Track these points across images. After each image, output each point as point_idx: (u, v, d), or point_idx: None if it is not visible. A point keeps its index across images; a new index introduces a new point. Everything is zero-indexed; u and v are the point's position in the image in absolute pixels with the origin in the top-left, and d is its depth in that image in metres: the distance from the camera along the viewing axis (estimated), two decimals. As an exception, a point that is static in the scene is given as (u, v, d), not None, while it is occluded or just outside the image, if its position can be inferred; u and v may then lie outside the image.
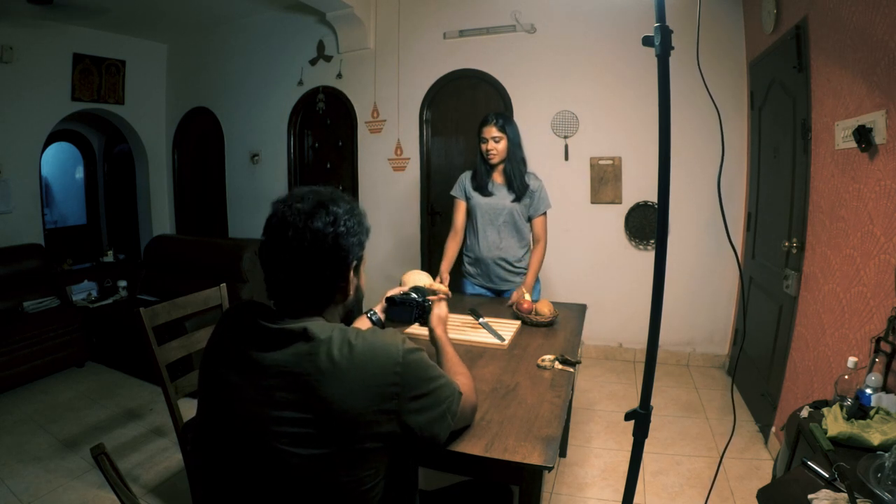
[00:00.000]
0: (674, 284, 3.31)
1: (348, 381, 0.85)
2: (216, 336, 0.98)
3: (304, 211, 0.89)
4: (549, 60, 3.60)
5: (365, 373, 0.86)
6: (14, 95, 3.93)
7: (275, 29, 4.38)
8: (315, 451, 0.84)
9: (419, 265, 4.06)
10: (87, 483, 2.26)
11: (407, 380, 0.90)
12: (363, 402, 0.85)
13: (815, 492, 1.16)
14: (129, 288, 4.13)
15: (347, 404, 0.84)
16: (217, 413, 0.93)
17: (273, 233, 0.90)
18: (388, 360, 0.89)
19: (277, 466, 0.86)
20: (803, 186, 2.29)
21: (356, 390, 0.85)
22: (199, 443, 0.99)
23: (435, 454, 1.18)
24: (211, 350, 0.98)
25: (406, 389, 0.89)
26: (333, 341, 0.87)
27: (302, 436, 0.84)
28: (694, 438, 2.57)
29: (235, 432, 0.89)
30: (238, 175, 4.75)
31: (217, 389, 0.93)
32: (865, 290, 1.76)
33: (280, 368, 0.86)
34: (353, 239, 0.93)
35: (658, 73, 0.98)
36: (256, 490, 0.89)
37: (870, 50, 1.75)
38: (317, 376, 0.84)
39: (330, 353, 0.85)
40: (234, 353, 0.91)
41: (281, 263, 0.90)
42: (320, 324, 0.90)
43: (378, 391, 0.87)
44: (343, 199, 0.95)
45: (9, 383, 3.15)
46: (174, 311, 1.89)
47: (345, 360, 0.86)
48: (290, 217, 0.88)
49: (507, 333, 1.90)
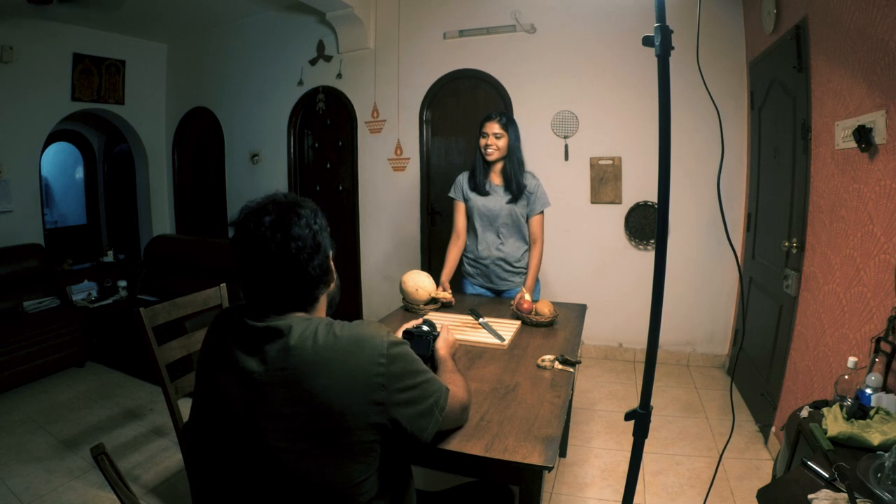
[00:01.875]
0: (674, 284, 3.32)
1: (335, 372, 0.86)
2: (207, 339, 1.01)
3: (276, 223, 0.90)
4: (549, 60, 3.60)
5: (350, 364, 0.88)
6: (14, 95, 3.93)
7: (275, 29, 4.38)
8: (305, 445, 0.85)
9: (419, 265, 4.06)
10: (87, 483, 2.26)
11: (392, 371, 0.91)
12: (349, 393, 0.86)
13: (815, 492, 1.16)
14: (129, 288, 4.13)
15: (334, 396, 0.85)
16: (210, 414, 0.95)
17: (252, 252, 0.91)
18: (373, 351, 0.90)
19: (269, 463, 0.87)
20: (803, 186, 2.29)
21: (342, 381, 0.86)
22: (194, 443, 1.00)
23: (429, 453, 1.17)
24: (203, 352, 1.00)
25: (392, 380, 0.91)
26: (318, 334, 0.89)
27: (292, 431, 0.85)
28: (694, 438, 2.57)
29: (229, 432, 0.90)
30: (238, 175, 4.75)
31: (209, 390, 0.95)
32: (865, 290, 1.76)
33: (267, 365, 0.87)
34: (325, 233, 0.97)
35: (658, 73, 0.98)
36: (250, 488, 0.90)
37: (870, 50, 1.75)
38: (303, 369, 0.86)
39: (315, 345, 0.87)
40: (223, 353, 0.93)
41: (268, 276, 0.91)
42: (305, 318, 0.93)
43: (364, 381, 0.88)
44: (298, 200, 0.97)
45: (9, 383, 3.15)
46: (174, 311, 1.89)
47: (329, 352, 0.87)
48: (267, 233, 0.89)
49: (507, 333, 1.90)
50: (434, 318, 2.03)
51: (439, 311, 2.21)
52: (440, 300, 2.25)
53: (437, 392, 1.01)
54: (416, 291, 2.21)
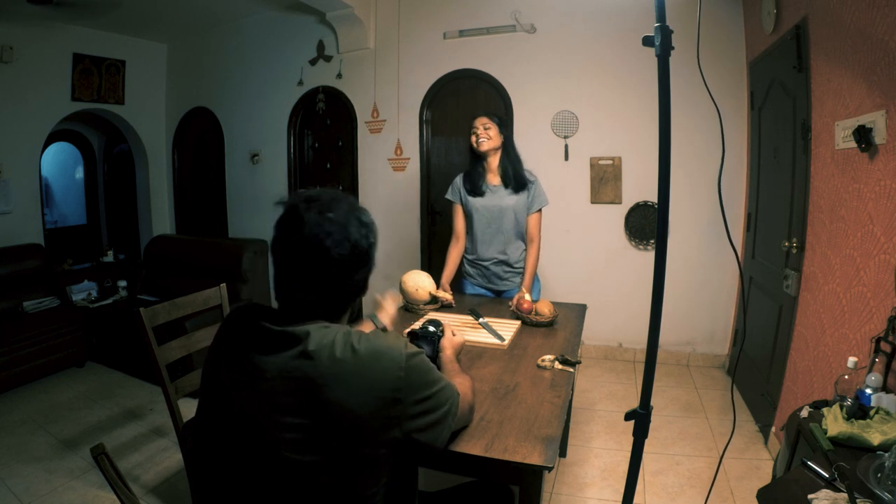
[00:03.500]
0: (674, 284, 3.31)
1: (352, 384, 0.84)
2: (219, 337, 0.98)
3: (339, 221, 0.88)
4: (549, 60, 3.60)
5: (368, 377, 0.86)
6: (14, 95, 3.92)
7: (275, 29, 4.38)
8: (316, 457, 0.83)
9: (419, 265, 4.06)
10: (87, 483, 2.26)
11: (410, 384, 0.89)
12: (367, 406, 0.84)
13: (815, 492, 1.16)
14: (129, 288, 4.13)
15: (350, 408, 0.83)
16: (217, 415, 0.93)
17: (302, 240, 0.87)
18: (391, 364, 0.88)
19: (277, 472, 0.84)
20: (803, 186, 2.29)
21: (360, 394, 0.84)
22: (196, 442, 0.98)
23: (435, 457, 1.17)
24: (213, 351, 0.98)
25: (409, 394, 0.89)
26: (336, 344, 0.86)
27: (302, 441, 0.83)
28: (694, 438, 2.57)
29: (236, 436, 0.88)
30: (238, 175, 4.75)
31: (218, 391, 0.92)
32: (865, 290, 1.76)
33: (281, 371, 0.84)
34: (374, 249, 0.96)
35: (658, 73, 0.98)
36: (255, 495, 0.88)
37: (870, 50, 1.75)
38: (319, 380, 0.83)
39: (332, 356, 0.84)
40: (235, 354, 0.91)
41: (309, 272, 0.88)
42: (323, 327, 0.89)
43: (381, 395, 0.86)
44: (361, 207, 0.96)
45: (9, 383, 3.15)
46: (174, 311, 1.89)
47: (348, 364, 0.85)
48: (327, 226, 0.86)
49: (507, 333, 1.90)
50: (435, 318, 2.03)
51: (439, 312, 2.21)
52: (440, 300, 2.25)
53: (451, 399, 1.00)
54: (417, 291, 2.21)
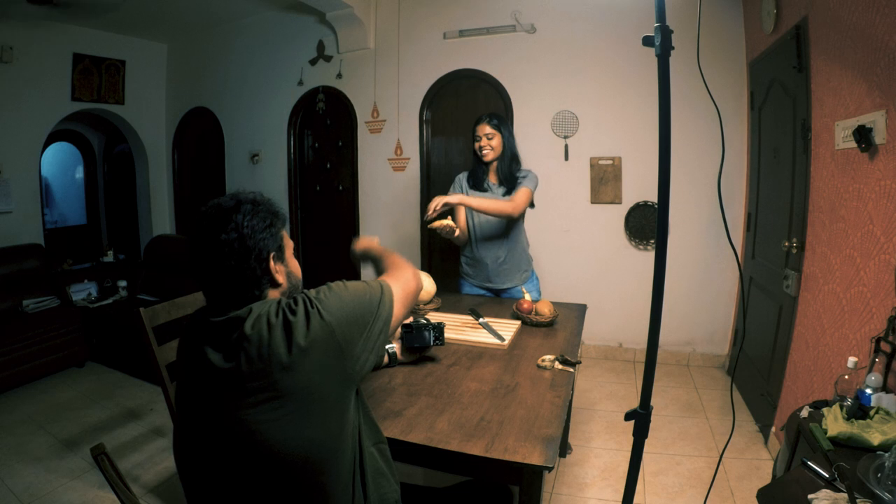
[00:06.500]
0: (674, 284, 3.32)
1: (291, 349, 0.90)
2: (180, 345, 1.05)
3: (211, 226, 0.96)
4: (549, 60, 3.60)
5: (298, 336, 0.91)
6: (14, 95, 3.92)
7: (275, 29, 4.38)
8: (278, 413, 0.89)
9: (419, 265, 4.06)
10: (87, 483, 2.26)
11: (344, 336, 0.95)
12: (307, 365, 0.90)
13: (815, 492, 1.16)
14: (129, 288, 4.13)
15: (296, 373, 0.89)
16: (189, 415, 0.97)
17: (192, 246, 0.99)
18: (316, 316, 0.93)
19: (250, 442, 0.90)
20: (803, 186, 2.29)
21: (298, 356, 0.90)
22: (178, 449, 1.02)
23: (430, 453, 1.19)
24: (178, 357, 1.05)
25: (347, 346, 0.95)
26: (270, 315, 0.93)
27: (264, 404, 0.89)
28: (694, 438, 2.57)
29: (208, 427, 0.93)
30: (238, 175, 4.75)
31: (188, 393, 0.98)
32: (865, 290, 1.76)
33: (230, 353, 0.90)
34: (260, 235, 0.98)
35: (658, 73, 0.98)
36: (236, 478, 0.92)
37: (869, 50, 1.75)
38: (261, 352, 0.89)
39: (271, 328, 0.90)
40: (193, 353, 0.97)
41: (206, 271, 0.97)
42: (260, 304, 0.96)
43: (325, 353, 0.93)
44: (247, 200, 1.00)
45: (9, 383, 3.15)
46: (174, 311, 1.89)
47: (281, 330, 0.91)
48: (202, 233, 0.97)
49: (507, 333, 1.90)
50: (434, 319, 2.03)
51: (439, 312, 2.21)
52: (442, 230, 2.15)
53: (382, 327, 1.03)
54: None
